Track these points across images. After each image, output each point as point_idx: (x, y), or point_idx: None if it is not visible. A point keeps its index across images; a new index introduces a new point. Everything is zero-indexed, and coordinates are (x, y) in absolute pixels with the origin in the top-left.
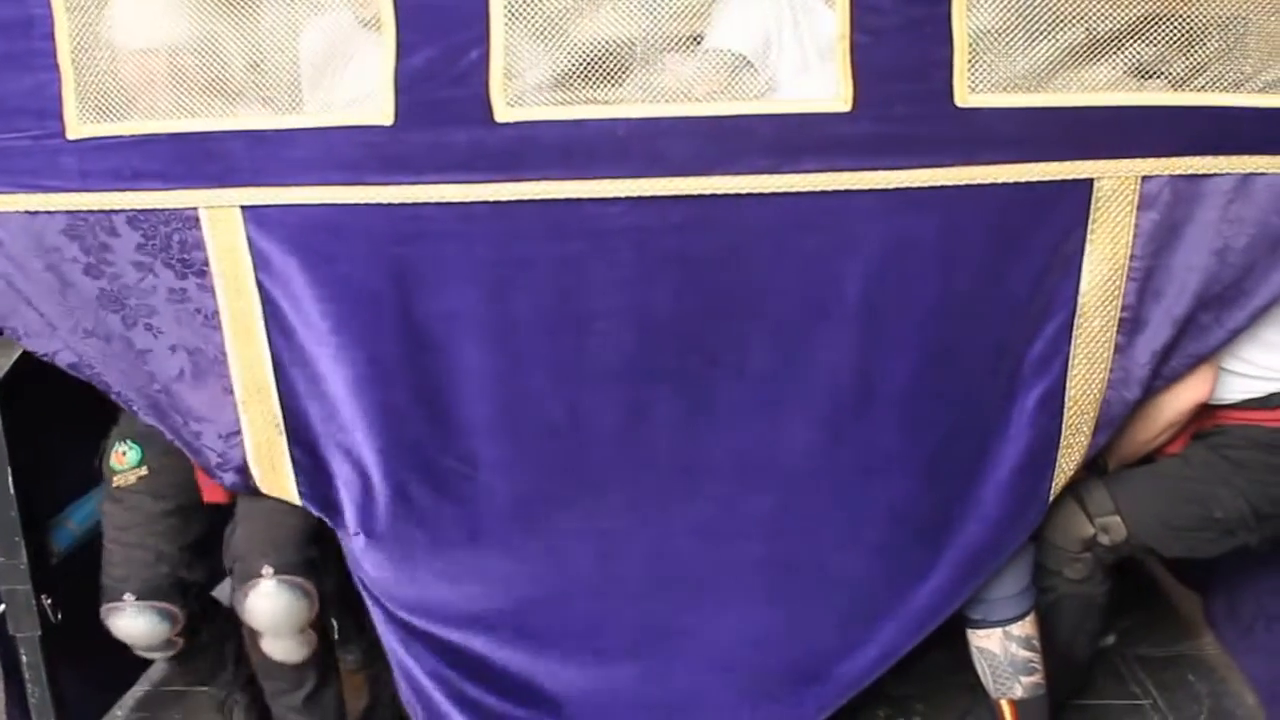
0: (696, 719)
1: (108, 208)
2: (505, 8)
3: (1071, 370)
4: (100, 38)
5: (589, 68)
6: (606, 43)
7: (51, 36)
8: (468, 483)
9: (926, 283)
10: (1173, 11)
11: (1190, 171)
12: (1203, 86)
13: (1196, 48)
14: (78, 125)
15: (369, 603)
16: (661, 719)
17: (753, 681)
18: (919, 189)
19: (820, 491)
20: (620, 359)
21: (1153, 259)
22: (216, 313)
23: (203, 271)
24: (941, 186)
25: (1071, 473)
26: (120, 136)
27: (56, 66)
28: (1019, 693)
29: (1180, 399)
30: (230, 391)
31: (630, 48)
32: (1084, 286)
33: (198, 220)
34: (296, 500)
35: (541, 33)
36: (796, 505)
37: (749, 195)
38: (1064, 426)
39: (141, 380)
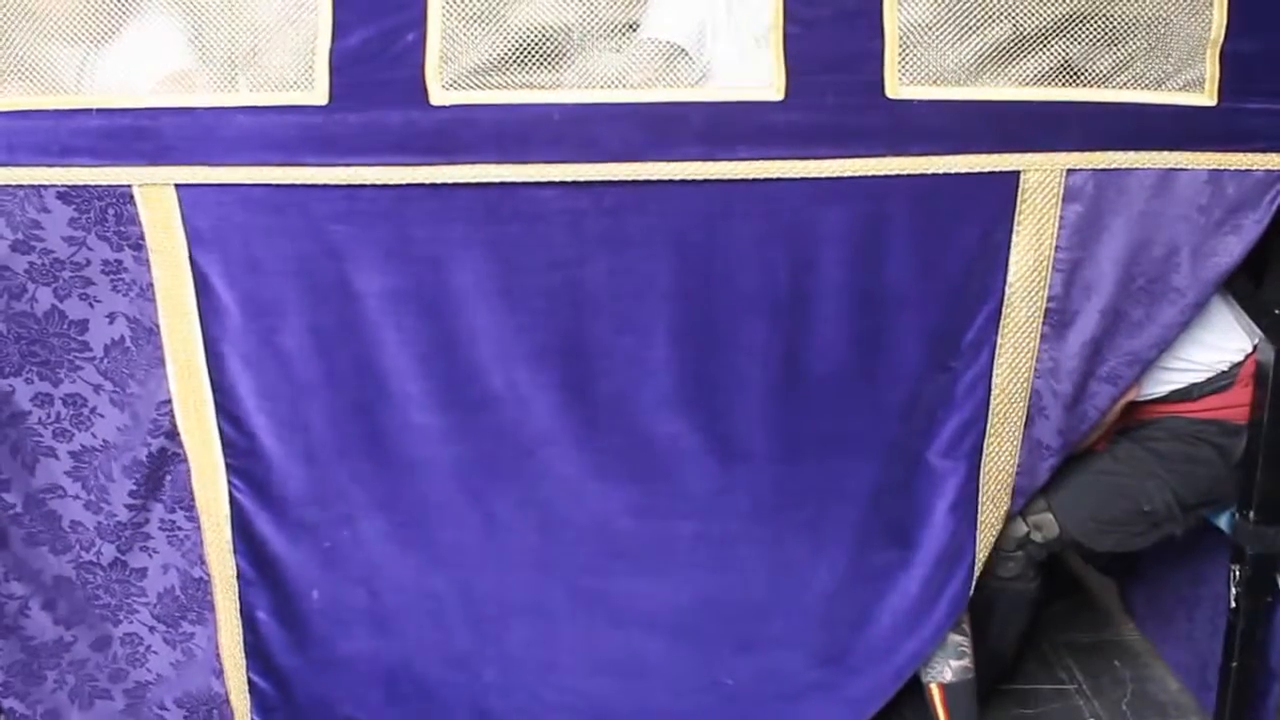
0: (642, 682)
1: (36, 182)
2: None
3: (998, 357)
4: (25, 14)
5: (525, 53)
6: (543, 28)
7: None
8: (409, 452)
9: (857, 271)
10: (1097, 11)
11: (1113, 166)
12: (1125, 84)
13: (1120, 46)
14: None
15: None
16: (608, 684)
17: (696, 646)
18: (849, 178)
19: (756, 472)
20: (556, 337)
21: (1078, 250)
22: (151, 285)
23: (139, 245)
24: (872, 176)
25: (1004, 465)
26: (48, 110)
27: None
28: (948, 676)
29: None
30: (163, 363)
31: (566, 34)
32: (1011, 276)
33: (132, 196)
34: (223, 473)
35: (478, 17)
36: (733, 485)
37: (681, 182)
38: (990, 412)
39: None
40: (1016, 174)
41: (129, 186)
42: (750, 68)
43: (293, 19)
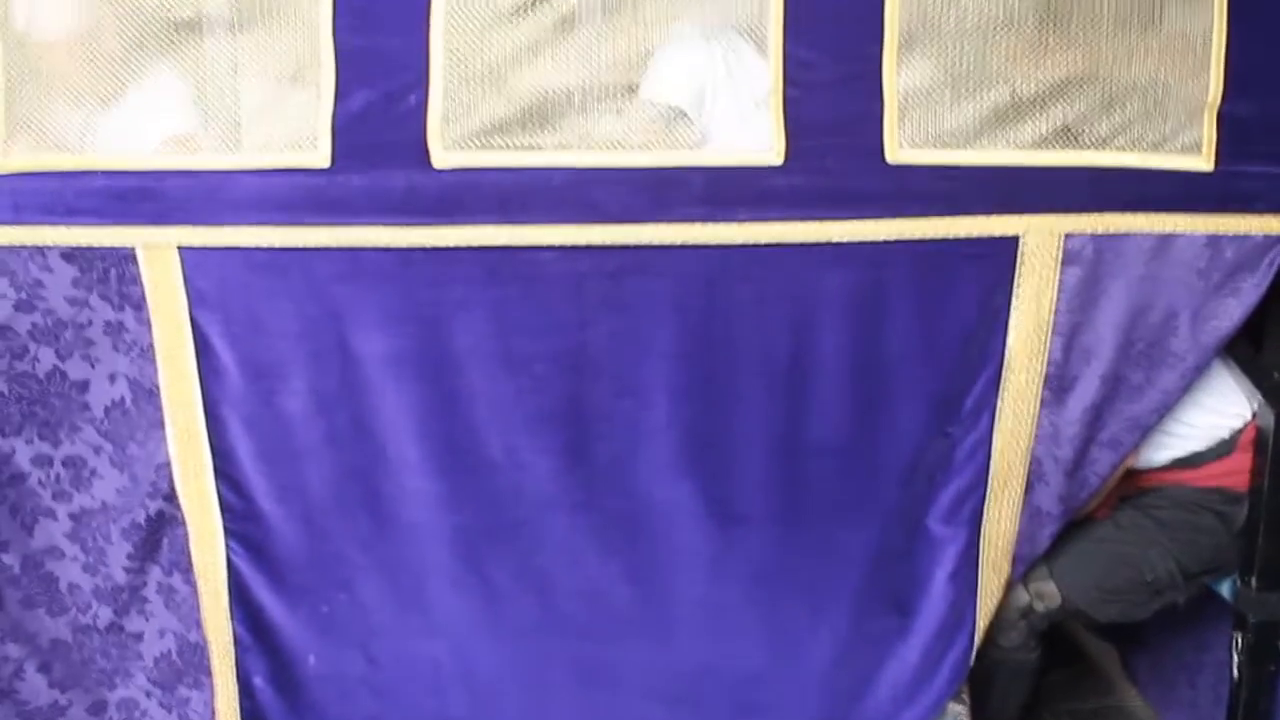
0: None
1: (41, 243)
2: (446, 52)
3: (998, 423)
4: (35, 71)
5: (527, 115)
6: (544, 90)
7: None
8: (407, 516)
9: (857, 335)
10: (1094, 75)
11: (1111, 229)
12: (1124, 147)
13: (1117, 109)
14: (7, 158)
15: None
16: None
17: (694, 714)
18: (849, 243)
19: (754, 536)
20: (556, 401)
21: (1078, 315)
22: (152, 346)
23: (140, 305)
24: (872, 241)
25: (1005, 532)
26: (54, 171)
27: None
28: None
29: None
30: (163, 425)
31: (568, 96)
32: (1011, 341)
33: (135, 257)
34: (221, 537)
35: (481, 79)
36: (732, 549)
37: (682, 245)
38: (990, 478)
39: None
40: (1016, 238)
41: (132, 248)
42: (750, 130)
43: (296, 80)
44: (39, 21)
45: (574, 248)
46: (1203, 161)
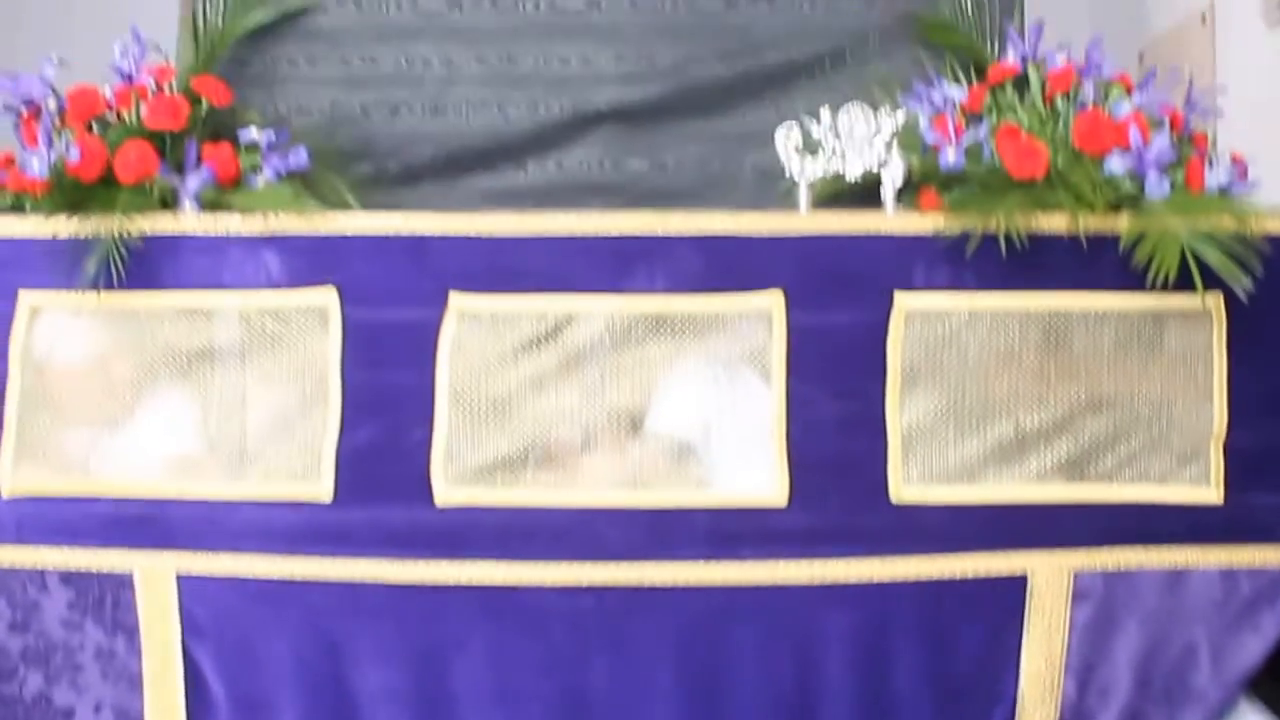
0: None
1: (40, 565)
2: (451, 390)
3: None
4: (48, 397)
5: (530, 452)
6: (548, 428)
7: (2, 393)
8: None
9: (863, 674)
10: (1098, 407)
11: (1122, 565)
12: (1130, 480)
13: (1123, 442)
14: (15, 482)
15: None
16: None
17: None
18: (854, 584)
19: None
20: None
21: (1091, 653)
22: (140, 675)
23: (133, 632)
24: (877, 581)
25: None
26: (58, 495)
27: (0, 422)
28: None
29: None
30: None
31: (571, 434)
32: (1023, 681)
33: (132, 582)
34: None
35: (485, 416)
36: None
37: (685, 585)
38: None
39: None
40: (1024, 576)
41: (130, 572)
42: (754, 466)
43: (302, 412)
44: (59, 349)
45: (575, 586)
46: (1212, 493)
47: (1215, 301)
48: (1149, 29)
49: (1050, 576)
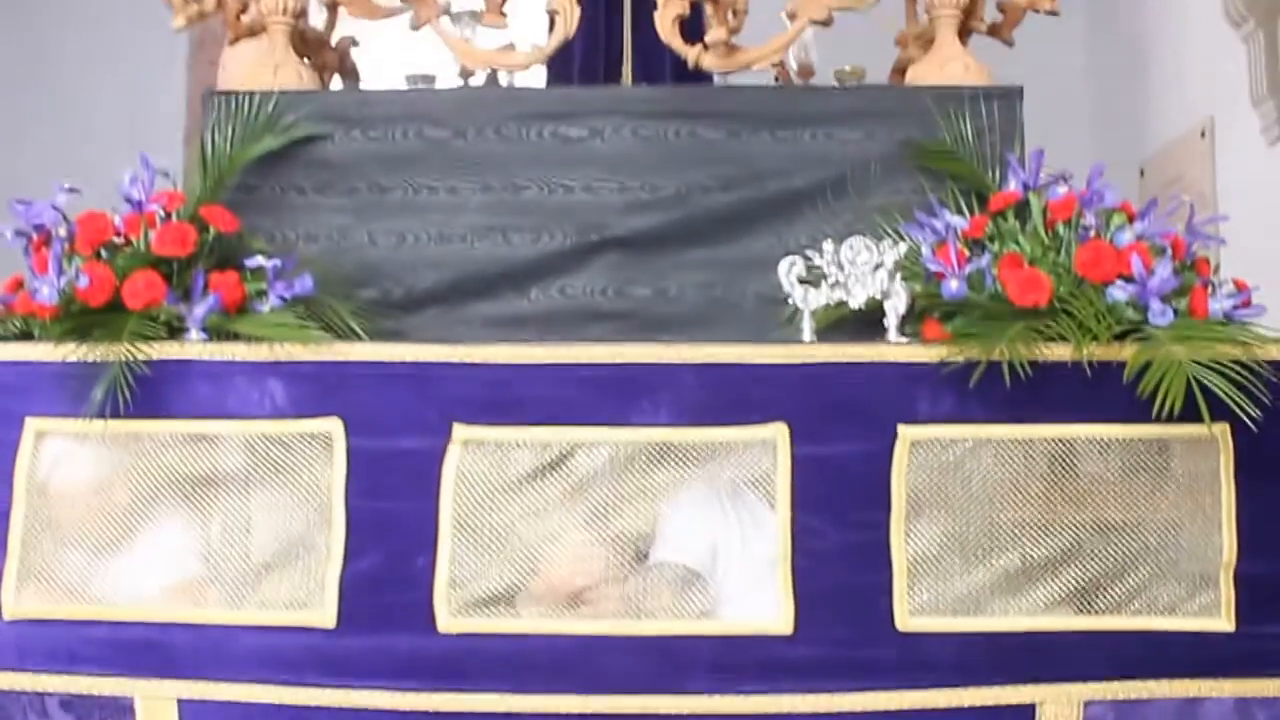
0: None
1: (41, 690)
2: (454, 519)
3: None
4: (51, 521)
5: (533, 580)
6: (551, 557)
7: (7, 517)
8: None
9: None
10: (1104, 539)
11: (1133, 696)
12: (1139, 610)
13: (1131, 573)
14: (18, 606)
15: None
16: None
17: None
18: (861, 714)
19: None
20: None
21: None
22: None
23: None
24: (883, 710)
25: None
26: (60, 619)
27: (4, 546)
28: None
29: None
30: None
31: (574, 565)
32: None
33: (133, 707)
34: None
35: (488, 545)
36: None
37: (689, 715)
38: None
39: None
40: (1032, 706)
41: (131, 698)
42: (761, 595)
43: (305, 539)
44: (64, 473)
45: (580, 714)
46: (1223, 623)
47: (1222, 430)
48: (1149, 144)
49: (1059, 708)
